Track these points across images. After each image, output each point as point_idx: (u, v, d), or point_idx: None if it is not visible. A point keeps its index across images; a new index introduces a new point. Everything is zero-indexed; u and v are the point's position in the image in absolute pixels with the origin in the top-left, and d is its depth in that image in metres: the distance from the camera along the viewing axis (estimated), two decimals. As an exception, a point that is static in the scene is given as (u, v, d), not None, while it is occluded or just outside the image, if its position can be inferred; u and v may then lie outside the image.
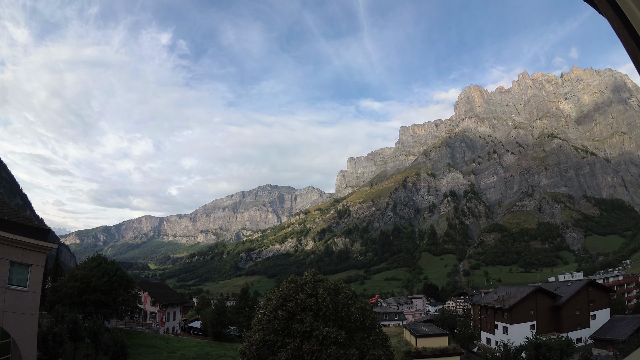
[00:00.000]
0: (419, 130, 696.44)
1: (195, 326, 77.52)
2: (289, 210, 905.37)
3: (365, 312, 27.55)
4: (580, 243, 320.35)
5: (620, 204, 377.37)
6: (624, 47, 2.83)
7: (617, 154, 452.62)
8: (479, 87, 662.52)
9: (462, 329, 67.93)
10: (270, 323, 24.99)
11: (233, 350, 51.84)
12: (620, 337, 49.38)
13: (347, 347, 24.01)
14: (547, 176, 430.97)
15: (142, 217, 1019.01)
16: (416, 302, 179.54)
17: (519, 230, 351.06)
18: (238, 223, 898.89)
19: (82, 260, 64.17)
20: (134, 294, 56.49)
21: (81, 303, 46.87)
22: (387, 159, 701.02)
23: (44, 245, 25.03)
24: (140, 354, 44.06)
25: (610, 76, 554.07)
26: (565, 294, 62.67)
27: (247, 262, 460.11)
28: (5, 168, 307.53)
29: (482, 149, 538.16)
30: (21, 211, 27.57)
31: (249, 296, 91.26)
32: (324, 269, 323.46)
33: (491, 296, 73.33)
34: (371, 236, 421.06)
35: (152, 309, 66.73)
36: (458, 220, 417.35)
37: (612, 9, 2.79)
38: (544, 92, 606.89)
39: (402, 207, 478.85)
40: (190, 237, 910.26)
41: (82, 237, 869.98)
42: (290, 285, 26.58)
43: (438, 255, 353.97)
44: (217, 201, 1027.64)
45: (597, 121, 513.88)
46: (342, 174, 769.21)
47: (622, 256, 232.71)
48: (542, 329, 57.19)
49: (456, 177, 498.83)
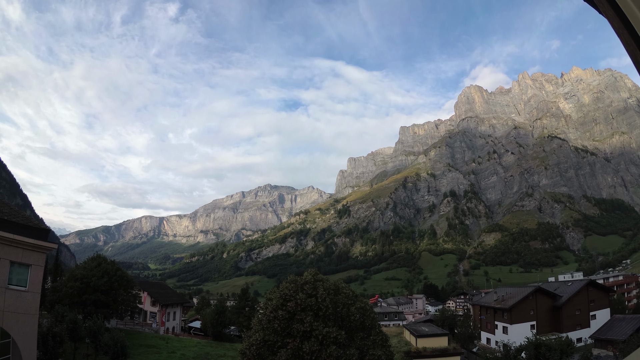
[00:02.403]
0: (419, 130, 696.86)
1: (195, 326, 77.37)
2: (289, 210, 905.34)
3: (365, 312, 27.54)
4: (580, 243, 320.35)
5: (620, 204, 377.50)
6: (624, 47, 2.85)
7: (617, 154, 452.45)
8: (479, 87, 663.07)
9: (462, 329, 67.93)
10: (270, 323, 24.99)
11: (233, 350, 51.83)
12: (620, 337, 49.38)
13: (347, 347, 24.00)
14: (547, 176, 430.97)
15: (142, 217, 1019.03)
16: (416, 302, 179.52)
17: (519, 230, 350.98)
18: (238, 223, 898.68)
19: (82, 260, 64.03)
20: (134, 294, 56.50)
21: (81, 303, 46.88)
22: (387, 159, 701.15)
23: (44, 245, 25.02)
24: (140, 354, 44.05)
25: (610, 76, 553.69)
26: (565, 294, 62.67)
27: (247, 262, 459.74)
28: (5, 168, 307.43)
29: (482, 149, 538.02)
30: (21, 211, 27.57)
31: (249, 296, 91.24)
32: (324, 269, 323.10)
33: (491, 296, 73.36)
34: (371, 236, 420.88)
35: (152, 309, 66.67)
36: (458, 220, 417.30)
37: (612, 9, 2.81)
38: (544, 92, 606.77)
39: (402, 207, 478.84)
40: (190, 237, 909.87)
41: (82, 237, 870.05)
42: (290, 285, 26.58)
43: (438, 255, 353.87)
44: (217, 201, 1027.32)
45: (597, 121, 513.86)
46: (342, 174, 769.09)
47: (622, 256, 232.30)
48: (542, 329, 57.18)
49: (456, 177, 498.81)
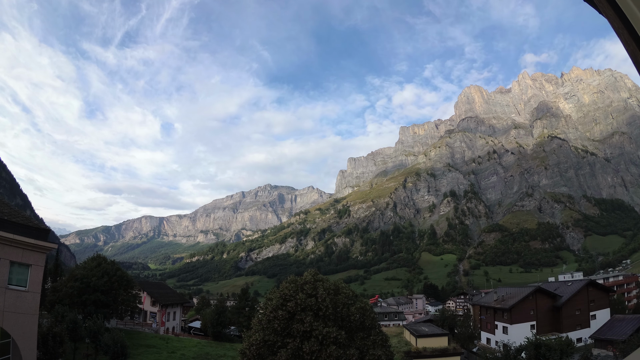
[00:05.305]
0: (419, 130, 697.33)
1: (195, 326, 77.40)
2: (289, 210, 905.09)
3: (365, 312, 27.53)
4: (580, 243, 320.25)
5: (620, 204, 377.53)
6: (624, 47, 2.85)
7: (617, 154, 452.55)
8: (479, 87, 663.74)
9: (462, 329, 67.85)
10: (270, 323, 24.99)
11: (233, 350, 51.82)
12: (620, 337, 49.35)
13: (347, 347, 24.00)
14: (547, 176, 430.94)
15: (142, 217, 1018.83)
16: (416, 302, 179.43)
17: (519, 230, 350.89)
18: (238, 223, 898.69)
19: (82, 260, 64.08)
20: (134, 294, 56.51)
21: (81, 303, 46.88)
22: (387, 159, 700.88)
23: (44, 245, 25.02)
24: (140, 354, 44.05)
25: (610, 76, 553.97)
26: (565, 294, 62.64)
27: (247, 262, 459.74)
28: (5, 168, 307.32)
29: (482, 149, 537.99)
30: (21, 211, 27.56)
31: (249, 296, 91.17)
32: (324, 269, 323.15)
33: (491, 296, 73.33)
34: (371, 236, 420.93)
35: (152, 309, 66.64)
36: (458, 220, 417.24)
37: (612, 9, 2.81)
38: (544, 92, 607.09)
39: (402, 207, 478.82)
40: (190, 237, 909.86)
41: (82, 237, 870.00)
42: (290, 285, 26.57)
43: (438, 255, 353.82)
44: (217, 201, 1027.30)
45: (597, 121, 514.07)
46: (342, 174, 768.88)
47: (622, 256, 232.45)
48: (542, 329, 57.18)
49: (456, 177, 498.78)
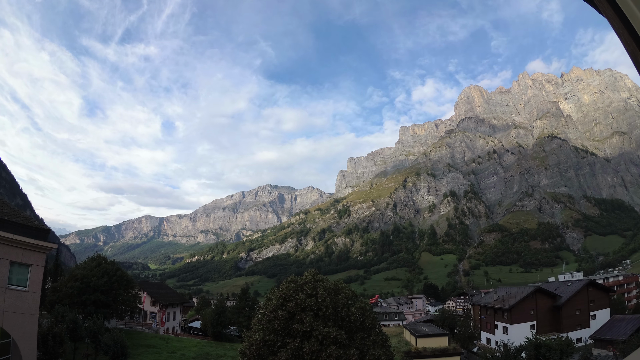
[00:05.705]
0: (419, 130, 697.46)
1: (195, 326, 77.39)
2: (289, 210, 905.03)
3: (365, 312, 27.52)
4: (580, 243, 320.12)
5: (620, 204, 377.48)
6: (624, 47, 2.85)
7: (617, 154, 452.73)
8: (479, 87, 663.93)
9: (462, 329, 67.85)
10: (270, 323, 24.98)
11: (233, 350, 51.82)
12: (620, 337, 49.34)
13: (347, 347, 23.98)
14: (547, 176, 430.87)
15: (142, 217, 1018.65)
16: (416, 302, 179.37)
17: (519, 230, 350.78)
18: (238, 223, 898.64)
19: (82, 260, 64.02)
20: (134, 294, 56.51)
21: (81, 303, 46.87)
22: (387, 159, 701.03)
23: (44, 245, 25.01)
24: (140, 354, 44.05)
25: (610, 76, 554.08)
26: (565, 294, 62.62)
27: (247, 262, 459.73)
28: (5, 168, 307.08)
29: (482, 149, 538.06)
30: (21, 211, 27.55)
31: (249, 296, 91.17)
32: (324, 269, 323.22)
33: (491, 296, 73.31)
34: (371, 236, 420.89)
35: (152, 309, 66.65)
36: (458, 220, 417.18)
37: (612, 9, 2.81)
38: (544, 92, 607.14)
39: (402, 207, 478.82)
40: (190, 237, 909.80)
41: (82, 237, 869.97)
42: (290, 285, 26.56)
43: (438, 255, 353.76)
44: (217, 201, 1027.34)
45: (597, 121, 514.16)
46: (342, 174, 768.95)
47: (622, 256, 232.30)
48: (542, 329, 57.17)
49: (456, 177, 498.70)
